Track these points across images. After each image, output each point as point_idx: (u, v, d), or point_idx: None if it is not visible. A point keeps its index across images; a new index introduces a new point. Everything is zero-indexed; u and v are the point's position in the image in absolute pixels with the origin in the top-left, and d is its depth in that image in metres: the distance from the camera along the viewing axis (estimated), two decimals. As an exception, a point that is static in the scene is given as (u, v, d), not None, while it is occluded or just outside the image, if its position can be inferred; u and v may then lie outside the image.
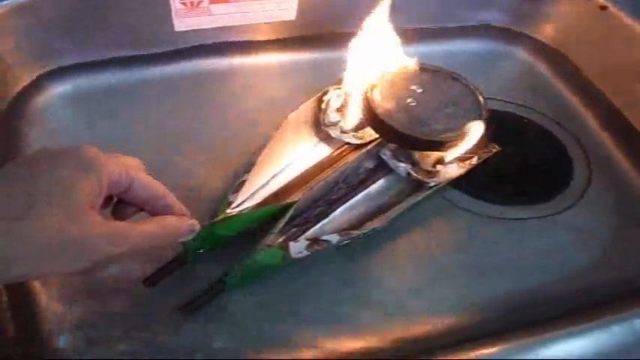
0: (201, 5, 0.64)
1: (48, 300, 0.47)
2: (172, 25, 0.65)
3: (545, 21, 0.76)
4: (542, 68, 0.75)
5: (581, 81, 0.71)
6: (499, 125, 0.67)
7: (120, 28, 0.64)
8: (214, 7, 0.65)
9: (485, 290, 0.51)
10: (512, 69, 0.76)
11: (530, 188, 0.61)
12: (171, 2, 0.63)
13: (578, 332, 0.45)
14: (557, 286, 0.52)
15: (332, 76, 0.59)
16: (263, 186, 0.53)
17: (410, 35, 0.68)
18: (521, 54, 0.76)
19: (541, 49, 0.76)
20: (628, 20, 0.67)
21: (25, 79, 0.62)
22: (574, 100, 0.71)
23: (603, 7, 0.69)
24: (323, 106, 0.59)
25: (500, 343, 0.44)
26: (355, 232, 0.51)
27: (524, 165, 0.64)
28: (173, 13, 0.64)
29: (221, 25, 0.67)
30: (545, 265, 0.54)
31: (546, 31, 0.76)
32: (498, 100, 0.70)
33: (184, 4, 0.63)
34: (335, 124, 0.58)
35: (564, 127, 0.68)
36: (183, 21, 0.65)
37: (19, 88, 0.62)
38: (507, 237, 0.56)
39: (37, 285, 0.47)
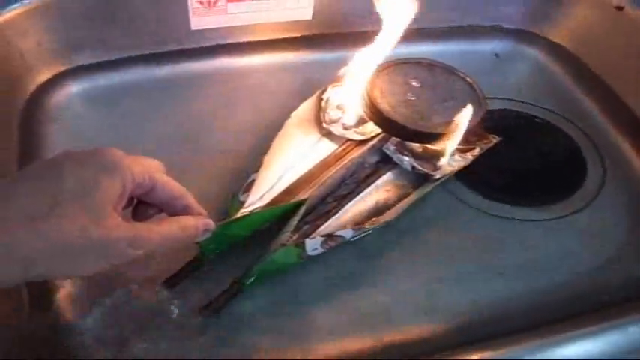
0: (218, 4, 0.64)
1: (66, 299, 0.47)
2: (189, 24, 0.66)
3: (560, 22, 0.76)
4: (556, 69, 0.74)
5: (595, 82, 0.71)
6: (513, 125, 0.68)
7: (137, 27, 0.64)
8: (231, 6, 0.65)
9: (498, 291, 0.51)
10: (526, 69, 0.75)
11: (543, 189, 0.61)
12: (189, 1, 0.63)
13: (594, 332, 0.45)
14: (571, 286, 0.52)
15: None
16: (272, 185, 0.53)
17: (424, 35, 0.68)
18: (535, 54, 0.76)
19: (555, 50, 0.75)
20: (644, 21, 0.67)
21: (44, 77, 0.63)
22: (588, 101, 0.70)
23: (619, 8, 0.69)
24: (323, 104, 0.60)
25: (514, 343, 0.44)
26: (368, 226, 0.51)
27: (537, 166, 0.64)
28: (190, 12, 0.64)
29: (237, 24, 0.67)
30: (559, 266, 0.54)
31: (561, 32, 0.76)
32: (512, 100, 0.70)
33: (201, 2, 0.63)
34: (336, 121, 0.58)
35: (578, 128, 0.68)
36: (200, 20, 0.65)
37: (37, 86, 0.62)
38: (520, 238, 0.56)
39: (56, 283, 0.48)
